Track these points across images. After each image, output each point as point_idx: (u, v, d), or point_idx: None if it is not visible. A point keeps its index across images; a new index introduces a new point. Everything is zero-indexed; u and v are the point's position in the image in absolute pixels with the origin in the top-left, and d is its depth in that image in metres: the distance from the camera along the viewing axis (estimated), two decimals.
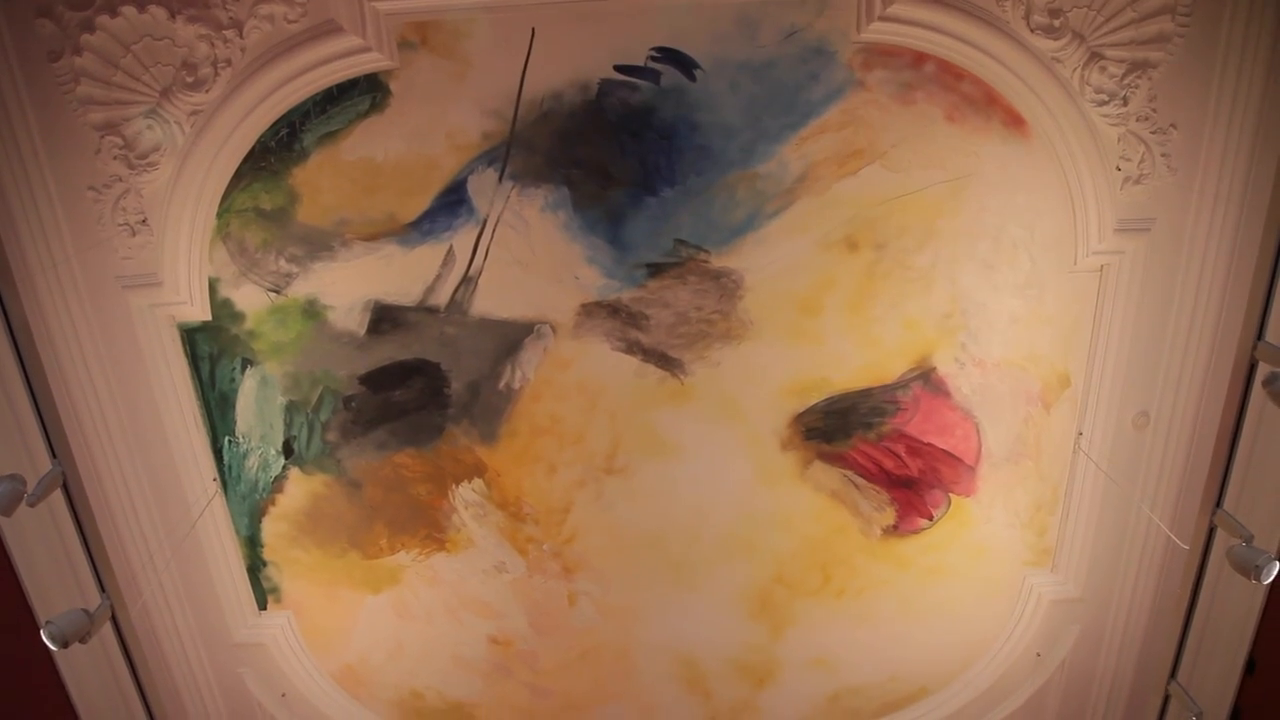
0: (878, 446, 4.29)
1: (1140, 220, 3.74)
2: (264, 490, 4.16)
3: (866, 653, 4.67)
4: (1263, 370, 3.40)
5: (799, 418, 4.22)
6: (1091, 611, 4.53)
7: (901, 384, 4.17)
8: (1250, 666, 4.18)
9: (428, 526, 4.33)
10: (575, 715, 4.85)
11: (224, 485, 4.13)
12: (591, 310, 4.03)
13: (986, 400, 4.13)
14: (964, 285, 3.94)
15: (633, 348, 4.10)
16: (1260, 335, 3.41)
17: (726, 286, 4.00)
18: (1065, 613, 4.53)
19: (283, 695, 4.70)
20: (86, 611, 3.37)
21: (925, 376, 4.15)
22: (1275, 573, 3.29)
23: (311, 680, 4.66)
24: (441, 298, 3.97)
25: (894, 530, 4.40)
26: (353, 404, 4.10)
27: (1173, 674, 3.97)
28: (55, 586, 3.96)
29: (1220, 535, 3.59)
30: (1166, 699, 4.13)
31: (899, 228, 3.86)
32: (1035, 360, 4.04)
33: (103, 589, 3.58)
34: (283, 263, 3.82)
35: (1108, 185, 3.70)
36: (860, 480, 4.34)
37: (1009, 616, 4.56)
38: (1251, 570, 3.32)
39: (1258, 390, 3.45)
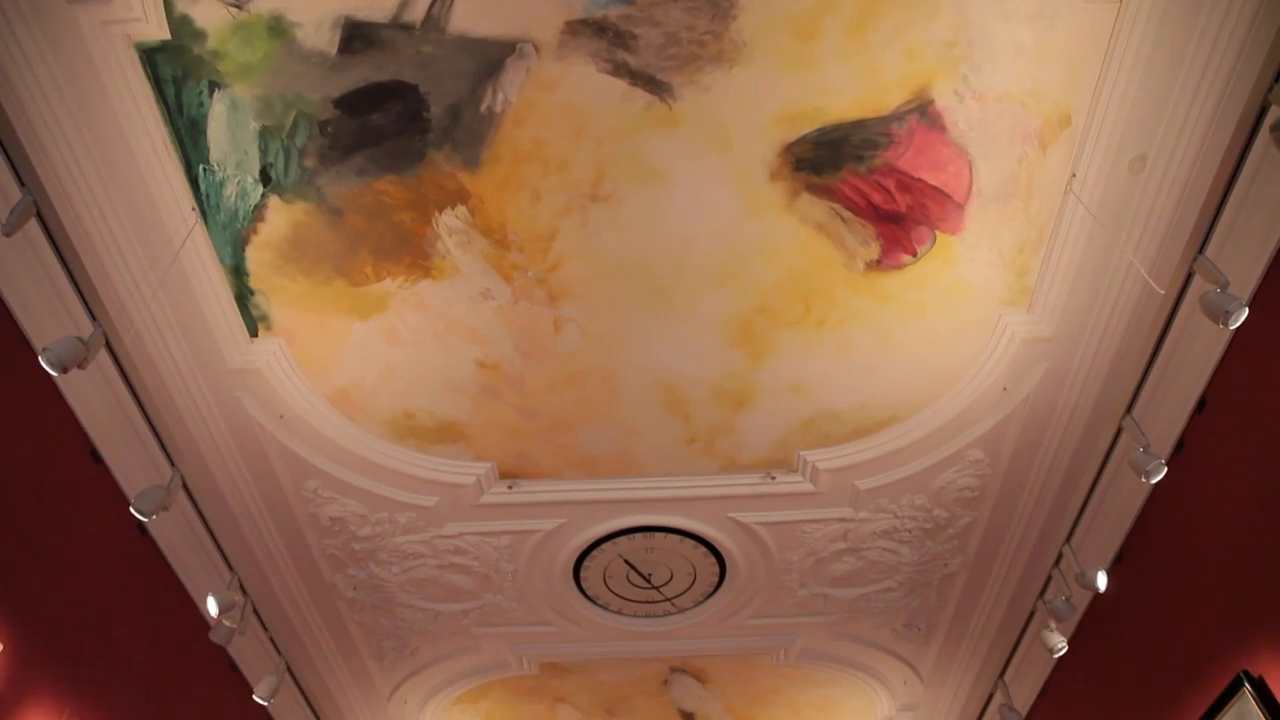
0: (867, 180, 4.19)
1: None
2: (244, 219, 4.08)
3: (841, 381, 4.83)
4: (1273, 114, 3.29)
5: (789, 148, 4.06)
6: (1060, 350, 4.66)
7: (897, 116, 3.99)
8: (1201, 405, 4.40)
9: (412, 254, 4.29)
10: (561, 434, 5.09)
11: (203, 215, 4.03)
12: (576, 28, 3.76)
13: (983, 136, 3.99)
14: (972, 13, 3.67)
15: (620, 70, 3.86)
16: (1278, 78, 3.27)
17: (720, 5, 3.71)
18: (1035, 351, 4.66)
19: (281, 417, 4.89)
20: (81, 339, 3.44)
21: (922, 109, 3.97)
22: (1243, 319, 3.38)
23: (307, 403, 4.83)
24: (417, 13, 3.67)
25: (877, 265, 4.40)
26: (329, 129, 3.92)
27: (1129, 409, 4.19)
28: (47, 317, 4.00)
29: (1195, 282, 3.65)
30: (1119, 431, 4.38)
31: None
32: (1038, 96, 3.86)
33: (93, 318, 3.63)
34: None
35: None
36: (847, 214, 4.28)
37: (981, 352, 4.69)
38: (1221, 315, 3.40)
39: (1263, 137, 3.37)
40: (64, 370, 3.38)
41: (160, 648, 5.35)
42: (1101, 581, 4.61)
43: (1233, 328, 3.43)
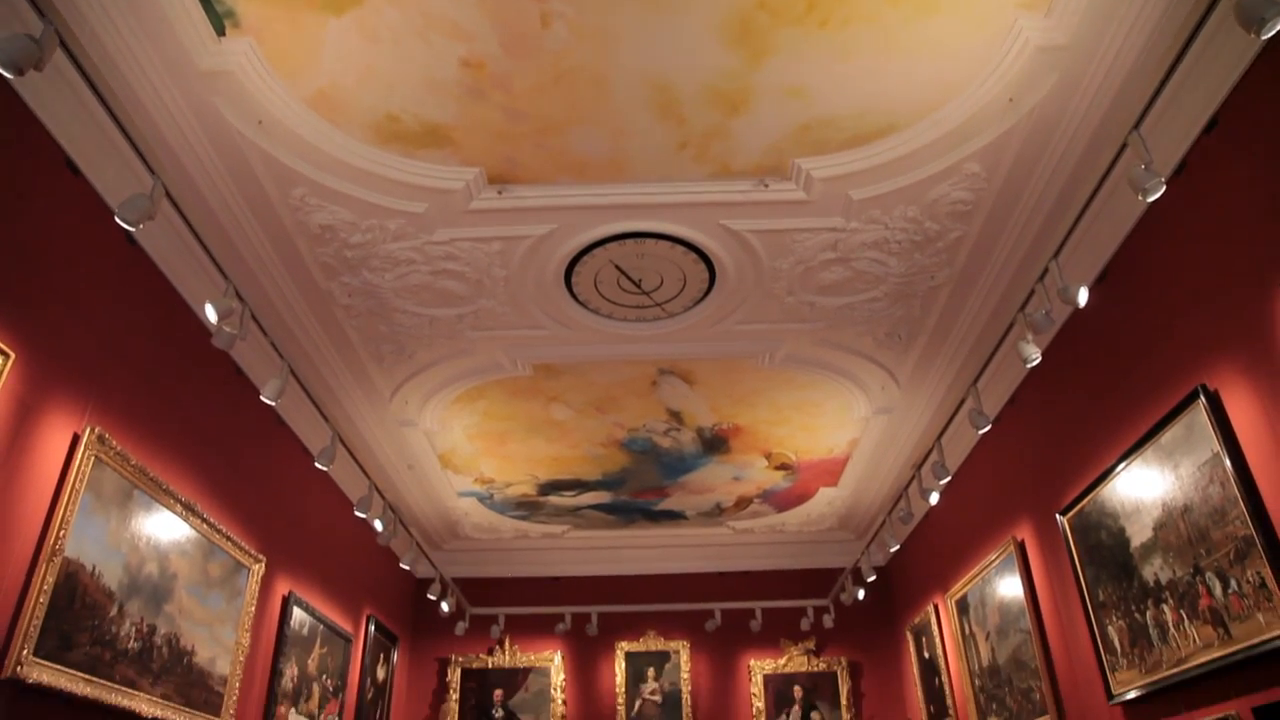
0: None
1: None
2: None
3: (842, 86, 4.61)
4: None
5: None
6: (1073, 60, 4.41)
7: None
8: (1211, 125, 4.24)
9: None
10: (550, 137, 4.92)
11: None
12: None
13: None
14: None
15: None
16: None
17: None
18: (1047, 60, 4.41)
19: (259, 122, 4.69)
20: (31, 37, 3.21)
21: None
22: (1276, 29, 3.17)
23: (285, 106, 4.61)
24: None
25: None
26: None
27: (1136, 125, 4.04)
28: None
29: None
30: (1123, 148, 4.24)
31: None
32: None
33: (41, 14, 3.36)
34: None
35: None
36: None
37: (990, 59, 4.43)
38: (1254, 23, 3.18)
39: None
40: (19, 71, 3.19)
41: (166, 354, 5.51)
42: (1083, 297, 4.68)
43: (1264, 38, 3.22)
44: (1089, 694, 5.87)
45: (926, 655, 9.46)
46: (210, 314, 4.72)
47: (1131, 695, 5.20)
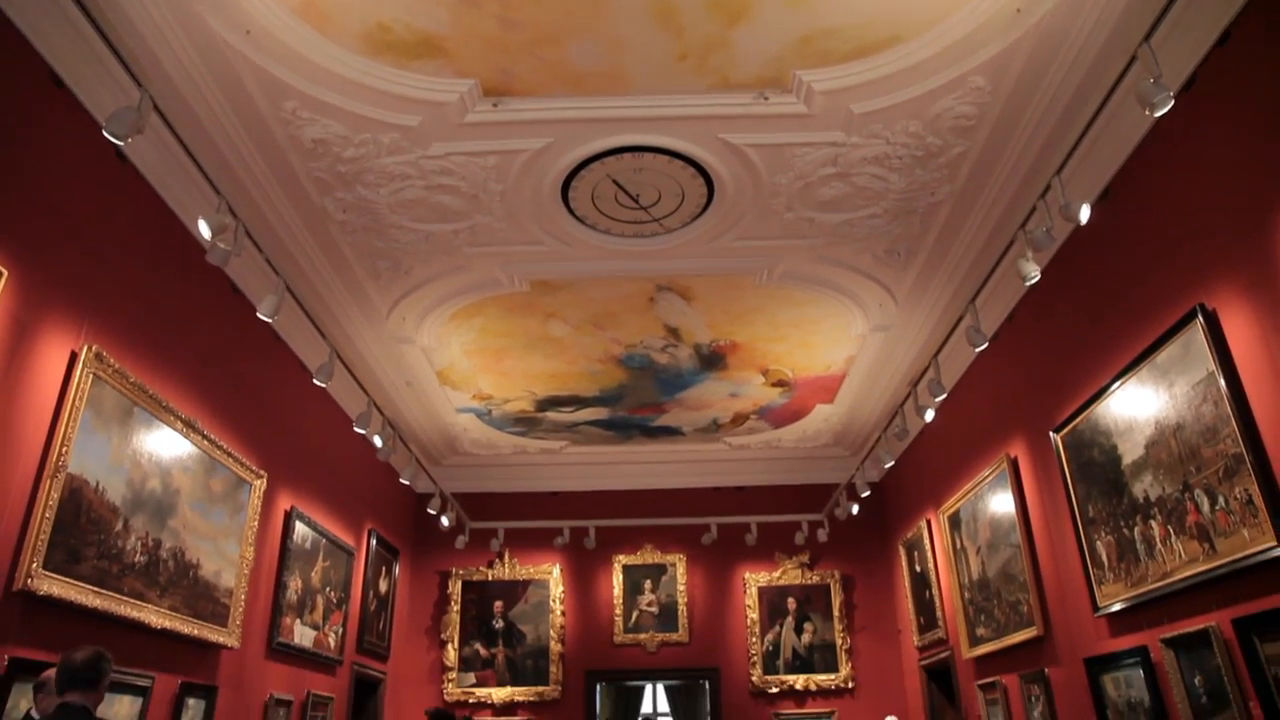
0: None
1: None
2: None
3: None
4: None
5: None
6: None
7: None
8: (1224, 38, 4.12)
9: None
10: (546, 48, 4.80)
11: None
12: None
13: None
14: None
15: None
16: None
17: None
18: None
19: (247, 32, 4.56)
20: None
21: None
22: None
23: (272, 15, 4.47)
24: None
25: None
26: None
27: (1147, 37, 3.93)
28: None
29: None
30: (1131, 61, 4.14)
31: None
32: None
33: None
34: None
35: None
36: None
37: None
38: None
39: None
40: None
41: (161, 271, 5.47)
42: (1084, 214, 4.63)
43: None
44: (1075, 606, 6.01)
45: (918, 569, 9.65)
46: (204, 230, 4.66)
47: (1116, 608, 5.32)
